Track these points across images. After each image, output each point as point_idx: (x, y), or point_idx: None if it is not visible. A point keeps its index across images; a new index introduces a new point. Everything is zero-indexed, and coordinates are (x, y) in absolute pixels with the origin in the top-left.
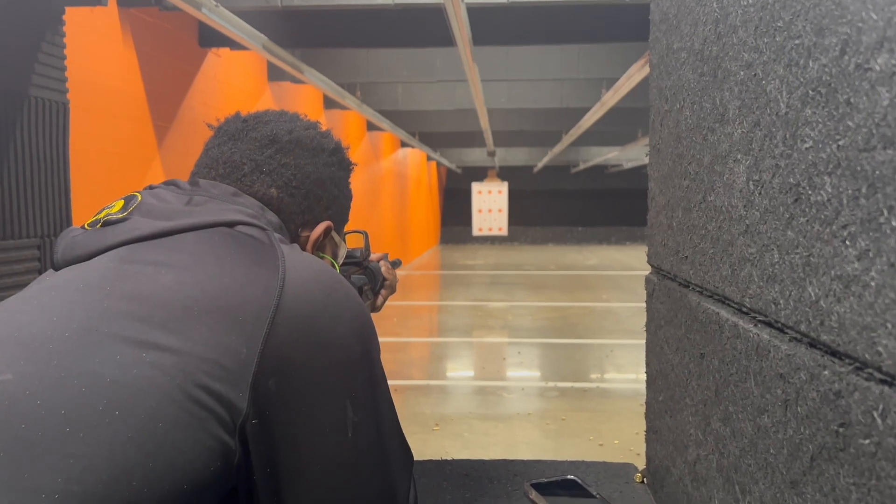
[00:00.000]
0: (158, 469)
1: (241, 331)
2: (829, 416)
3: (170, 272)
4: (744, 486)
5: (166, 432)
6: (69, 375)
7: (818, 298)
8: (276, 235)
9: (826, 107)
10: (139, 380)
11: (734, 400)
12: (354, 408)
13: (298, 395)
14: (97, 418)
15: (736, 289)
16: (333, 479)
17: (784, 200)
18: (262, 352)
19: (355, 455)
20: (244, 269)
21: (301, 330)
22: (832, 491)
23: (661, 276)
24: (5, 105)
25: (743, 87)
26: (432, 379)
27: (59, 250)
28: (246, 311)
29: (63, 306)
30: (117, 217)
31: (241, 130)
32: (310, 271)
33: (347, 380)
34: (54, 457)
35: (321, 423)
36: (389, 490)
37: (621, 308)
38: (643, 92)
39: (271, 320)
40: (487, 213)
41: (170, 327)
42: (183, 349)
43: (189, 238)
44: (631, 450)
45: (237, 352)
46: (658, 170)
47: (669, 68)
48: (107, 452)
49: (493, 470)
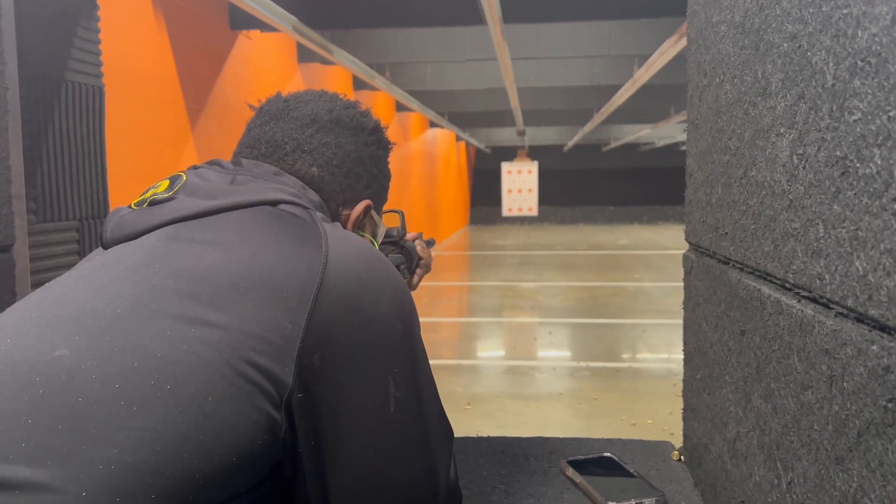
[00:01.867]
0: (208, 442)
1: (286, 307)
2: (878, 392)
3: (216, 250)
4: (786, 462)
5: (215, 406)
6: (122, 351)
7: (866, 273)
8: (317, 214)
9: (876, 77)
10: (188, 355)
11: (776, 377)
12: (396, 384)
13: (342, 370)
14: (150, 392)
15: (779, 264)
16: (375, 452)
17: (830, 174)
18: (306, 327)
19: (397, 429)
20: (288, 246)
21: (344, 306)
22: (880, 467)
23: (700, 253)
24: (43, 90)
25: (787, 60)
26: (463, 359)
27: (108, 229)
28: (290, 288)
29: (114, 284)
30: (164, 197)
31: (282, 110)
32: (352, 249)
33: (389, 356)
34: (109, 429)
35: (364, 398)
36: (430, 464)
37: (653, 288)
38: (676, 68)
39: (315, 297)
40: (517, 193)
41: (217, 304)
42: (230, 325)
43: (233, 217)
44: (664, 429)
45: (282, 327)
46: (696, 145)
47: (708, 42)
48: (159, 426)
49: (528, 447)
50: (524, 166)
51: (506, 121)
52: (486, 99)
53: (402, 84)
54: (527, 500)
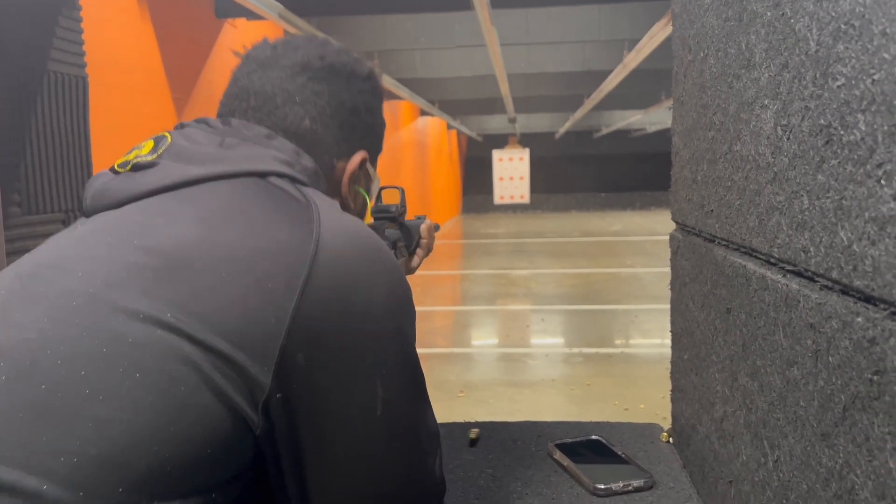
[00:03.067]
0: (180, 435)
1: (270, 298)
2: (863, 365)
3: (199, 228)
4: (772, 440)
5: (187, 397)
6: (90, 335)
7: (851, 243)
8: (310, 191)
9: (860, 40)
10: (161, 342)
11: (762, 354)
12: (385, 386)
13: (327, 370)
14: (117, 381)
15: (763, 239)
16: (359, 455)
17: (814, 143)
18: (290, 323)
19: (383, 432)
20: (276, 230)
21: (333, 302)
22: (866, 441)
23: (686, 232)
24: (26, 81)
25: (770, 29)
26: (457, 347)
27: (89, 196)
28: (276, 279)
29: (89, 262)
30: (147, 160)
31: (270, 58)
32: (346, 237)
33: (379, 356)
34: (73, 419)
35: (349, 401)
36: (418, 466)
37: (646, 273)
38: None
39: (302, 290)
40: (509, 180)
41: (196, 289)
42: (208, 314)
43: (221, 189)
44: (657, 413)
45: (265, 321)
46: (682, 123)
47: (693, 16)
48: (127, 416)
49: (516, 431)
50: (515, 154)
51: (496, 108)
52: (477, 86)
53: (391, 72)
54: (514, 484)
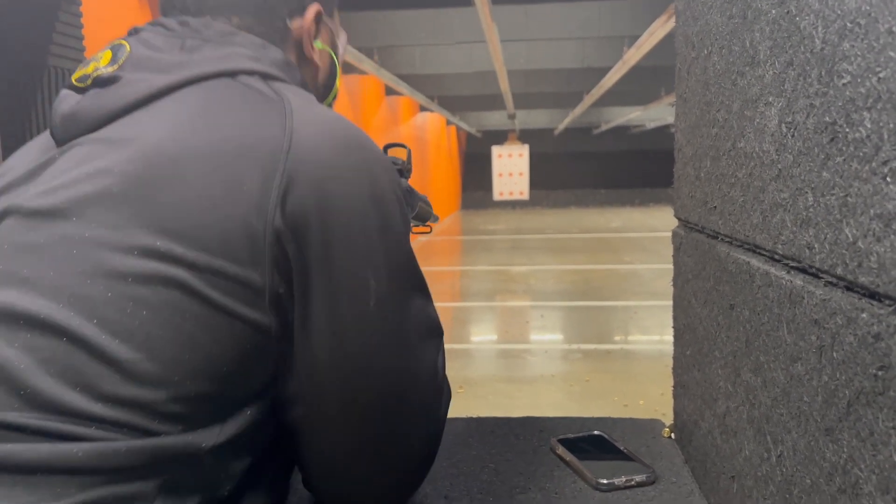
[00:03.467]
0: (196, 360)
1: (248, 201)
2: (868, 360)
3: (173, 145)
4: (775, 435)
5: (195, 323)
6: (94, 281)
7: (856, 239)
8: (283, 86)
9: (865, 38)
10: (157, 274)
11: (765, 350)
12: (377, 278)
13: (317, 263)
14: (128, 322)
15: (767, 236)
16: (356, 350)
17: (819, 141)
18: (273, 222)
19: (380, 325)
20: (247, 132)
21: (314, 196)
22: (870, 436)
23: (689, 228)
24: (26, 76)
25: (775, 27)
26: (456, 343)
27: (58, 121)
28: (252, 180)
29: (78, 205)
30: (108, 73)
31: None
32: (321, 130)
33: (368, 249)
34: (97, 367)
35: (342, 294)
36: (417, 360)
37: (645, 270)
38: (666, 49)
39: (280, 188)
40: (508, 177)
41: (177, 209)
42: (191, 231)
43: (189, 98)
44: (657, 410)
45: (247, 225)
46: (685, 120)
47: (696, 13)
48: (146, 354)
49: (518, 427)
50: (515, 150)
51: (496, 104)
52: (476, 82)
53: (390, 67)
54: (517, 479)
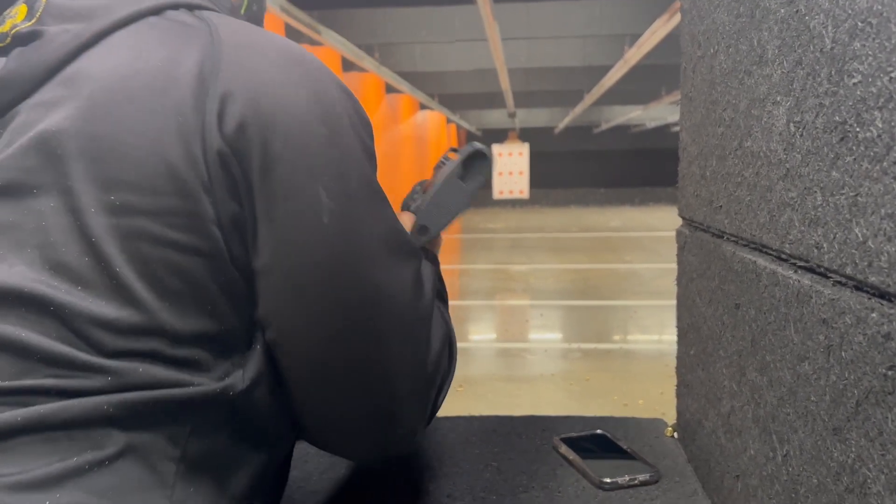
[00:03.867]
0: (181, 304)
1: (186, 131)
2: (877, 360)
3: (106, 95)
4: (781, 435)
5: (167, 269)
6: (70, 251)
7: (866, 239)
8: (212, 14)
9: (877, 38)
10: (121, 229)
11: (772, 349)
12: (329, 193)
13: (261, 179)
14: (108, 282)
15: (775, 235)
16: (308, 267)
17: (828, 140)
18: (215, 146)
19: (335, 241)
20: (176, 65)
21: (252, 112)
22: (879, 436)
23: (694, 227)
24: None
25: (784, 26)
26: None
27: None
28: (184, 110)
29: (36, 175)
30: (27, 28)
31: None
32: (254, 47)
33: (314, 165)
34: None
35: (290, 209)
36: (382, 280)
37: (645, 269)
38: (667, 48)
39: (216, 111)
40: (508, 175)
41: (123, 160)
42: (140, 179)
43: (116, 44)
44: (656, 409)
45: (190, 156)
46: (690, 119)
47: (702, 12)
48: (134, 310)
49: (520, 426)
50: (515, 148)
51: (496, 102)
52: (477, 80)
53: (391, 65)
54: (519, 478)
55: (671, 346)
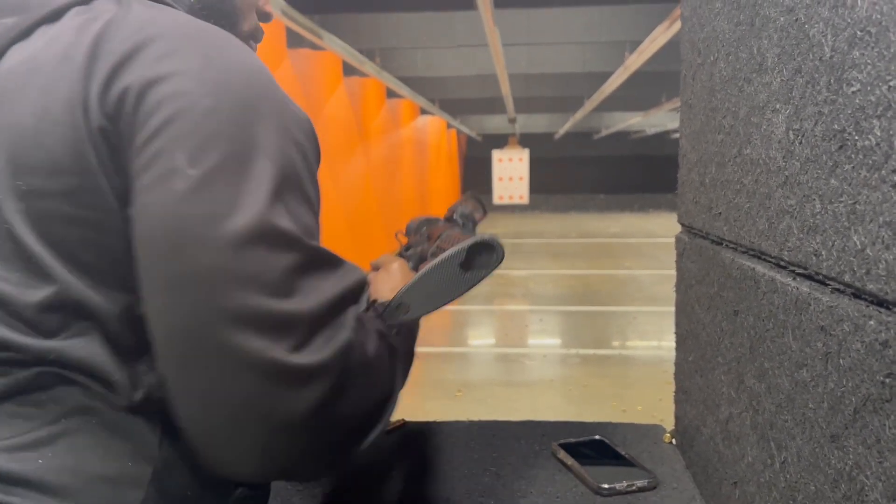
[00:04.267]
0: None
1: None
2: (875, 367)
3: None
4: (779, 441)
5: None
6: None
7: (864, 247)
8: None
9: (876, 47)
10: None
11: (770, 356)
12: (193, 161)
13: (141, 147)
14: (24, 266)
15: (773, 242)
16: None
17: (827, 148)
18: (96, 120)
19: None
20: (73, 41)
21: (137, 81)
22: (876, 443)
23: (693, 234)
24: None
25: (783, 34)
26: (454, 346)
27: None
28: (77, 87)
29: None
30: None
31: None
32: (154, 24)
33: (185, 130)
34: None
35: (150, 171)
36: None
37: (644, 275)
38: (667, 54)
39: (102, 83)
40: (508, 181)
41: (27, 150)
42: (46, 160)
43: (39, 36)
44: (655, 415)
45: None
46: (690, 126)
47: (703, 20)
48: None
49: (519, 431)
50: (515, 154)
51: (497, 108)
52: (477, 86)
53: (392, 70)
54: (518, 483)
55: (670, 352)
